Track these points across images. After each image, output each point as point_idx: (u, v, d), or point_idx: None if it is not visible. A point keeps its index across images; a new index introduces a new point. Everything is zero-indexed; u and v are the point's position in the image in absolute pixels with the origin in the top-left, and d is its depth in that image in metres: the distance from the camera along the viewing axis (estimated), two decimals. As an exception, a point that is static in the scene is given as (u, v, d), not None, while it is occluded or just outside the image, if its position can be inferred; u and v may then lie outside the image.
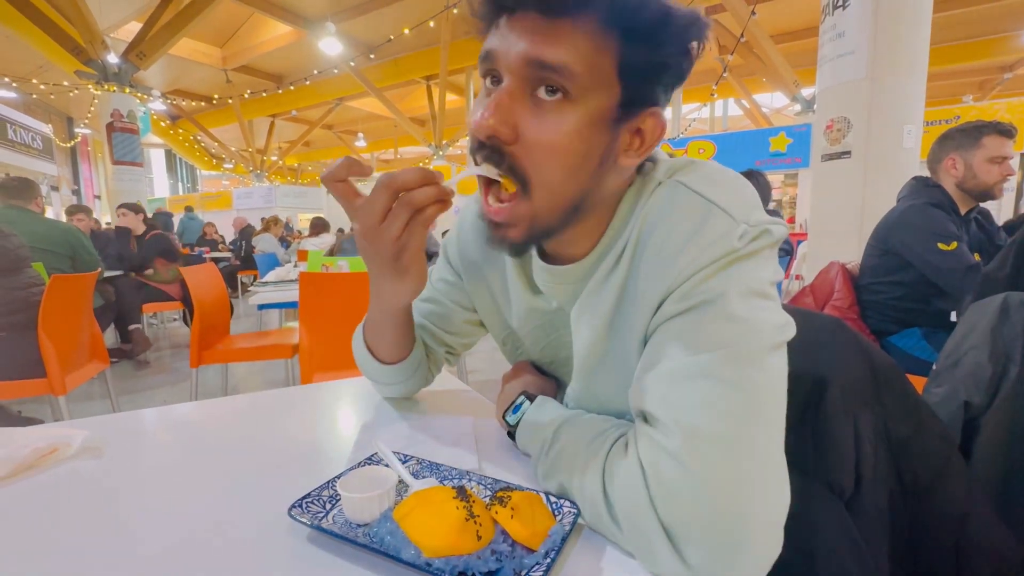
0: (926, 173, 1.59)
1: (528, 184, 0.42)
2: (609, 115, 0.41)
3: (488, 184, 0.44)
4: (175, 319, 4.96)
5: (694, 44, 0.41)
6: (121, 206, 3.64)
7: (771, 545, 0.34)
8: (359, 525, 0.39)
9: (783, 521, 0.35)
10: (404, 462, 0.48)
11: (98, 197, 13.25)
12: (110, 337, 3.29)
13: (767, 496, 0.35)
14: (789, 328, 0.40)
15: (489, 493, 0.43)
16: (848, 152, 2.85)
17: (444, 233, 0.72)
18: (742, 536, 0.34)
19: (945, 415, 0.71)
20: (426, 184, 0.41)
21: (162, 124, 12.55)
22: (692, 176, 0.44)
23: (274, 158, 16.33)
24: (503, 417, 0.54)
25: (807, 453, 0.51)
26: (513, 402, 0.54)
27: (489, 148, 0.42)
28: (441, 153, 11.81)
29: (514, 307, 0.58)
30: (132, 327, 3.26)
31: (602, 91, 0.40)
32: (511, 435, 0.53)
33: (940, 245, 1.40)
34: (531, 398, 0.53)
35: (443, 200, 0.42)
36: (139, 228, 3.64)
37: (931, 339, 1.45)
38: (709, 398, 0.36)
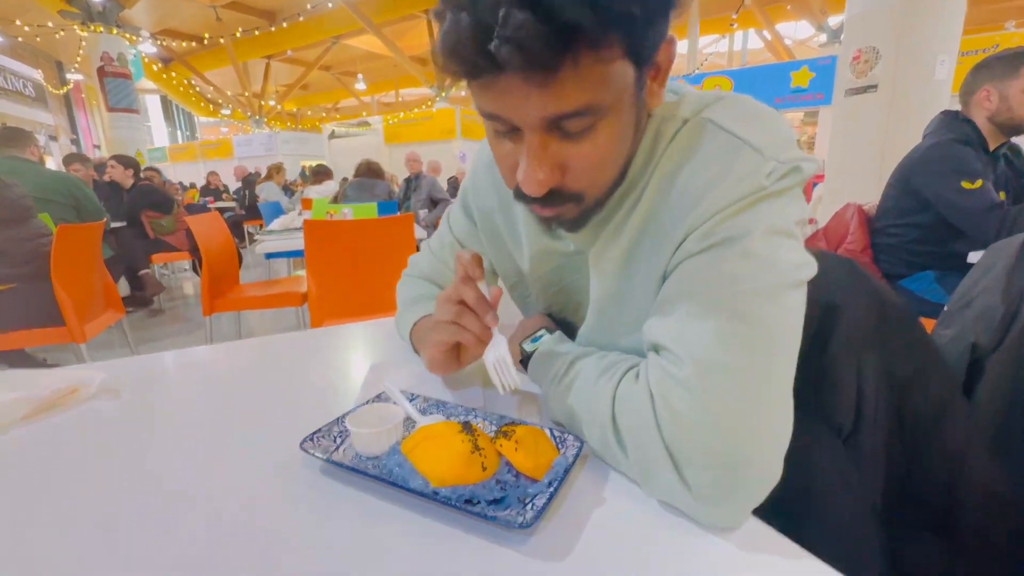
0: (957, 107, 1.50)
1: (582, 196, 0.42)
2: (632, 91, 0.38)
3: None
4: (186, 269, 5.02)
5: None
6: (112, 158, 3.62)
7: (770, 474, 0.36)
8: (368, 458, 0.40)
9: (783, 454, 0.36)
10: (411, 400, 0.49)
11: (97, 147, 13.03)
12: (123, 288, 3.35)
13: (771, 427, 0.36)
14: (809, 267, 0.39)
15: (494, 428, 0.44)
16: (874, 86, 2.68)
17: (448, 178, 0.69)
18: (743, 462, 0.35)
19: (952, 356, 0.71)
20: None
21: (154, 68, 12.08)
22: (722, 113, 0.42)
23: (272, 103, 15.81)
24: (520, 344, 0.56)
25: (808, 391, 0.52)
26: (534, 332, 0.56)
27: (542, 198, 0.40)
28: (444, 95, 11.31)
29: (526, 250, 0.58)
30: (142, 272, 3.31)
31: (621, 84, 0.36)
32: (523, 363, 0.54)
33: (964, 184, 1.34)
34: (551, 332, 0.55)
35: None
36: (127, 182, 3.65)
37: (943, 282, 1.43)
38: (723, 332, 0.36)
